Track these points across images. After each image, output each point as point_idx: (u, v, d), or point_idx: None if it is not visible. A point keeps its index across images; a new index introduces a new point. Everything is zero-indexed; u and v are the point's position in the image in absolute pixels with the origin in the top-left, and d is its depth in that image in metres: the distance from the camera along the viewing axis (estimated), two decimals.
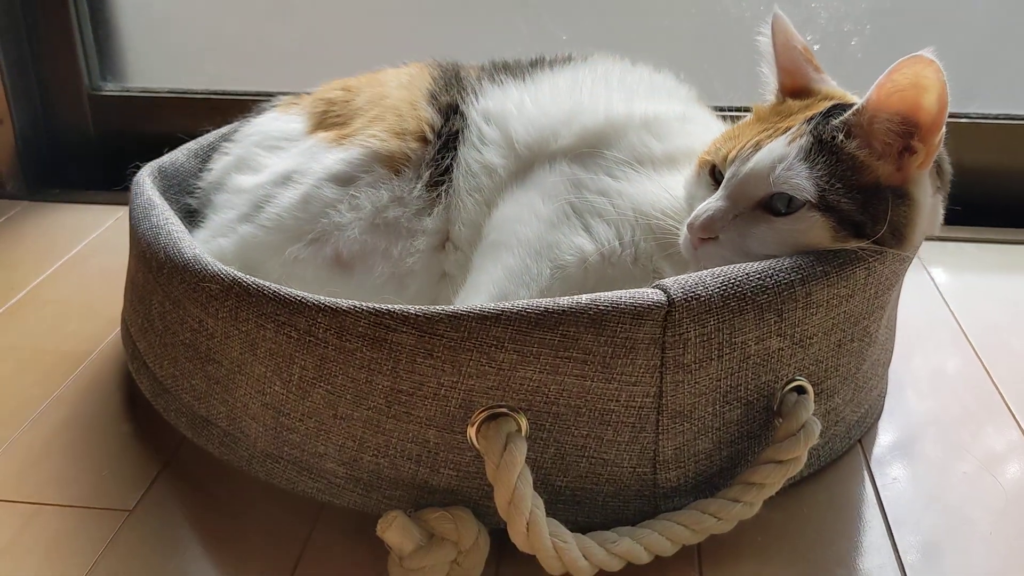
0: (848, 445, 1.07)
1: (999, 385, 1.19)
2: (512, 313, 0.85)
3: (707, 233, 0.96)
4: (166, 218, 1.09)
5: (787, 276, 0.91)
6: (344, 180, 1.15)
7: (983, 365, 1.24)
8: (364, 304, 0.86)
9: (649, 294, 0.87)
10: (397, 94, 1.24)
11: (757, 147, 0.96)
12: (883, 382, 1.14)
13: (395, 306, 0.86)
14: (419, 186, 1.15)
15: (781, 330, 0.92)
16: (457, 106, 1.21)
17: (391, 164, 1.16)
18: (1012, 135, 1.69)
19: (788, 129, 0.97)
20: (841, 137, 0.93)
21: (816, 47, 1.07)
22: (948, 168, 1.00)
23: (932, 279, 1.47)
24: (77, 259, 1.53)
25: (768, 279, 0.90)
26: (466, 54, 1.36)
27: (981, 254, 1.58)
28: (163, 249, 1.02)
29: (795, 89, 1.04)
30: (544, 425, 0.88)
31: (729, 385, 0.91)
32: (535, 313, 0.85)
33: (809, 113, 0.99)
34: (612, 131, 1.15)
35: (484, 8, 1.81)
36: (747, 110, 1.12)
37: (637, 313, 0.86)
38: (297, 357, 0.90)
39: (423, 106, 1.21)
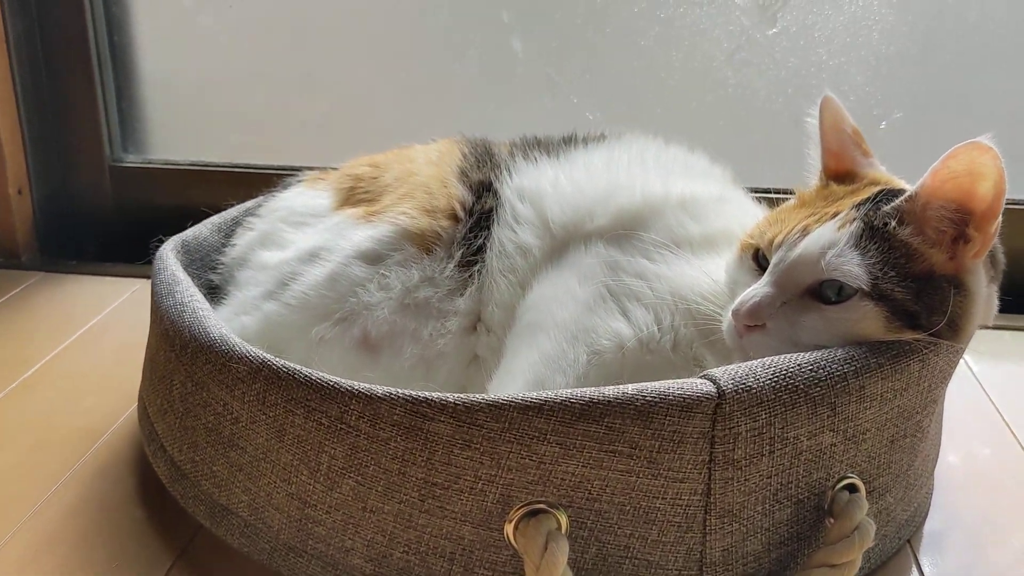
0: (898, 546, 1.02)
1: None
2: (556, 403, 0.81)
3: (754, 320, 0.92)
4: (191, 295, 1.06)
5: (840, 368, 0.87)
6: (373, 258, 1.12)
7: None
8: (400, 391, 0.82)
9: (698, 384, 0.83)
10: (427, 171, 1.22)
11: (805, 232, 0.94)
12: (931, 479, 1.09)
13: (432, 394, 0.82)
14: (451, 266, 1.12)
15: (834, 425, 0.87)
16: (490, 183, 1.19)
17: (421, 242, 1.13)
18: None
19: (836, 214, 0.94)
20: (893, 224, 0.90)
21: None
22: (1002, 257, 0.97)
23: (969, 367, 1.43)
24: (93, 332, 1.50)
25: (821, 370, 0.86)
26: (494, 132, 1.35)
27: (1017, 342, 1.54)
28: (188, 328, 0.98)
29: (841, 173, 1.02)
30: (585, 523, 0.84)
31: (780, 483, 0.87)
32: (580, 404, 0.81)
33: (857, 198, 0.96)
34: (649, 211, 1.12)
35: (512, 86, 1.81)
36: (782, 192, 1.09)
37: (686, 405, 0.82)
38: (327, 445, 0.86)
39: (454, 183, 1.19)
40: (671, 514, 0.84)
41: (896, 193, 0.96)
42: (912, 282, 0.89)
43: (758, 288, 0.93)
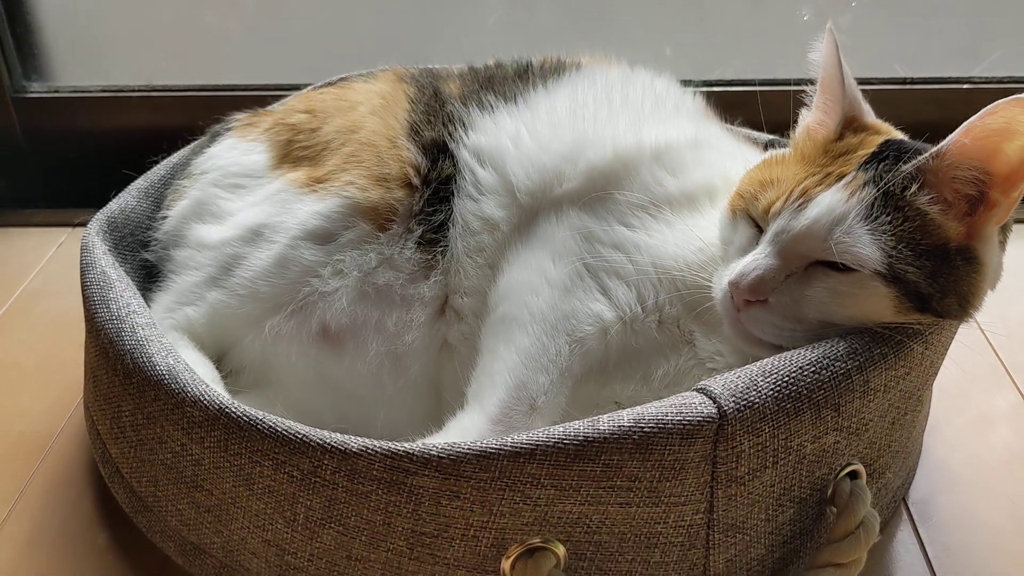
0: (892, 510, 1.00)
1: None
2: (548, 446, 0.74)
3: (756, 296, 0.85)
4: (126, 303, 0.95)
5: (844, 365, 0.82)
6: (323, 237, 1.02)
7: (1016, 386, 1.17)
8: (377, 445, 0.75)
9: (696, 406, 0.78)
10: (372, 125, 1.10)
11: (806, 196, 0.85)
12: (922, 437, 1.06)
13: (413, 446, 0.75)
14: (410, 244, 1.02)
15: (838, 424, 0.83)
16: (444, 144, 1.07)
17: (375, 218, 1.02)
18: None
19: (842, 176, 0.86)
20: (914, 188, 0.82)
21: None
22: (1011, 219, 0.90)
23: None
24: (19, 305, 1.38)
25: (824, 371, 0.81)
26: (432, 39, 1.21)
27: None
28: (130, 354, 0.89)
29: (847, 122, 0.92)
30: (585, 554, 0.79)
31: (783, 488, 0.83)
32: (574, 444, 0.75)
33: (864, 153, 0.88)
34: (622, 168, 1.03)
35: None
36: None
37: (686, 433, 0.76)
38: (302, 497, 0.79)
39: (404, 143, 1.07)
40: (673, 536, 0.80)
41: (901, 146, 0.87)
42: (927, 259, 0.82)
43: (759, 258, 0.85)
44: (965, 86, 1.58)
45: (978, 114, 0.79)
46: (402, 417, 1.03)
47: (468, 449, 0.74)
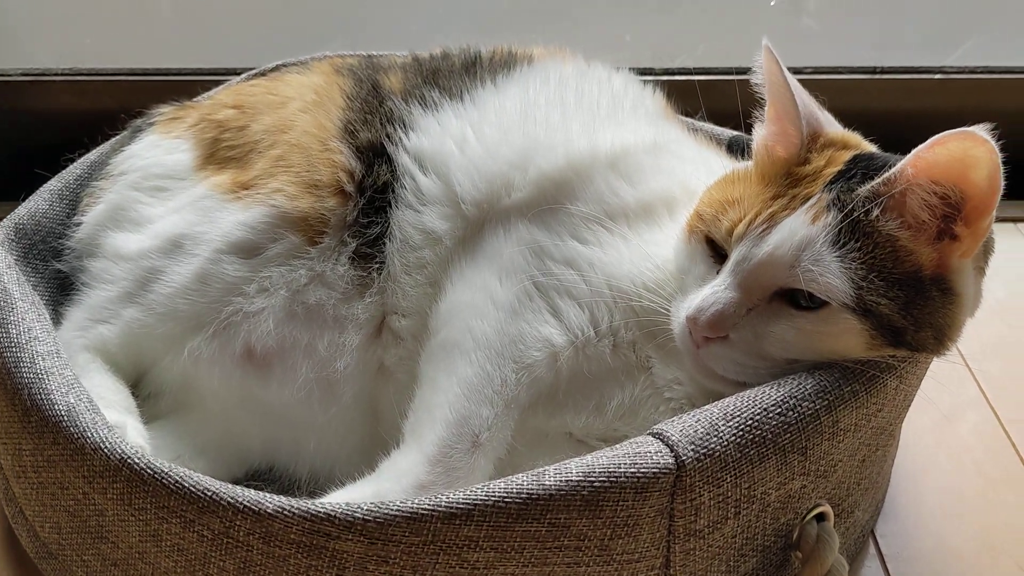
0: (861, 545, 0.94)
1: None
2: (487, 506, 0.67)
3: (716, 332, 0.78)
4: (28, 328, 0.86)
5: (812, 405, 0.75)
6: (248, 251, 0.93)
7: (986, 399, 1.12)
8: (295, 506, 0.67)
9: (652, 455, 0.70)
10: (303, 123, 1.00)
11: (772, 222, 0.78)
12: (892, 467, 1.00)
13: (336, 507, 0.67)
14: (343, 259, 0.93)
15: (805, 468, 0.76)
16: (382, 147, 0.98)
17: (305, 230, 0.94)
18: None
19: (807, 198, 0.79)
20: (876, 213, 0.75)
21: None
22: (993, 240, 0.83)
23: None
24: None
25: (790, 412, 0.74)
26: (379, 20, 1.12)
27: None
28: (27, 388, 0.80)
29: (809, 141, 0.84)
30: None
31: (745, 538, 0.76)
32: (516, 504, 0.67)
33: (829, 172, 0.81)
34: (575, 176, 0.95)
35: None
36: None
37: (641, 486, 0.69)
38: (214, 558, 0.71)
39: (337, 145, 0.98)
40: None
41: (870, 162, 0.80)
42: (899, 289, 0.75)
43: (719, 290, 0.79)
44: (937, 76, 1.51)
45: (926, 144, 0.73)
46: (335, 445, 0.95)
47: (397, 511, 0.67)
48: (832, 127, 0.87)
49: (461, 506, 0.67)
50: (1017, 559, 0.93)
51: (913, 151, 0.74)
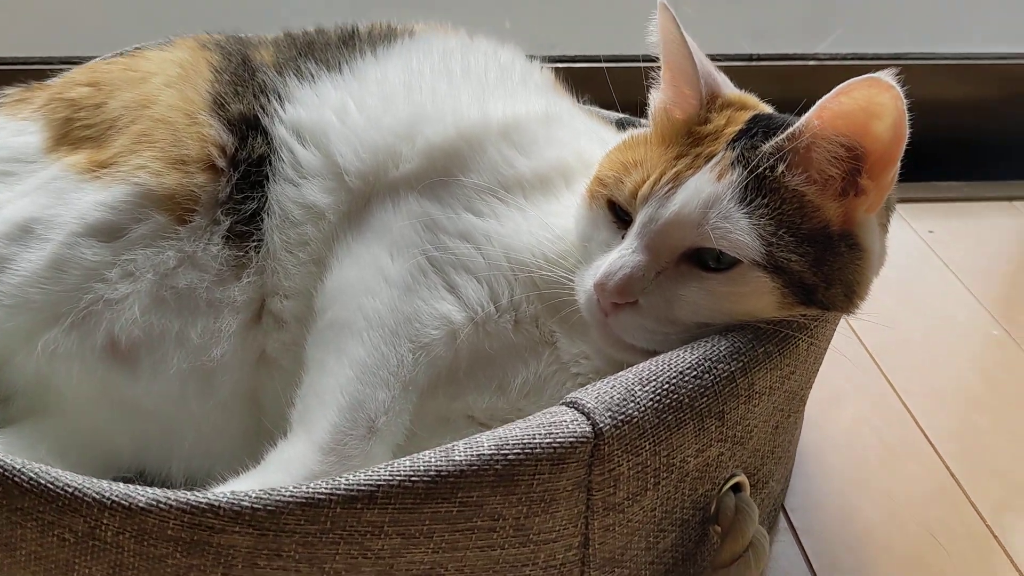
0: (773, 519, 0.91)
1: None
2: (392, 487, 0.61)
3: (625, 297, 0.74)
4: None
5: (727, 367, 0.72)
6: (109, 233, 0.84)
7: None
8: (171, 497, 0.59)
9: (567, 424, 0.65)
10: (167, 98, 0.92)
11: (677, 181, 0.75)
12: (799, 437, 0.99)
13: (219, 496, 0.59)
14: (216, 239, 0.85)
15: (723, 434, 0.73)
16: (256, 118, 0.91)
17: (173, 208, 0.85)
18: None
19: (710, 157, 0.76)
20: (782, 168, 0.73)
21: None
22: (894, 198, 0.82)
23: None
24: None
25: (706, 375, 0.71)
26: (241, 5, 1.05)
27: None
28: None
29: (708, 100, 0.82)
30: None
31: (665, 511, 0.72)
32: (423, 483, 0.61)
33: (731, 131, 0.78)
34: (466, 147, 0.90)
35: None
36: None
37: (557, 457, 0.64)
38: (78, 564, 0.62)
39: (206, 119, 0.90)
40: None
41: (770, 121, 0.78)
42: (808, 245, 0.73)
43: (626, 254, 0.75)
44: (811, 62, 1.53)
45: (831, 93, 0.71)
46: (214, 442, 0.87)
47: (291, 496, 0.59)
48: (729, 88, 0.85)
49: (363, 488, 0.60)
50: (926, 525, 0.92)
51: (819, 102, 0.72)
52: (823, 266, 0.74)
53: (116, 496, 0.59)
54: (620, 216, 0.79)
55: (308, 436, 0.75)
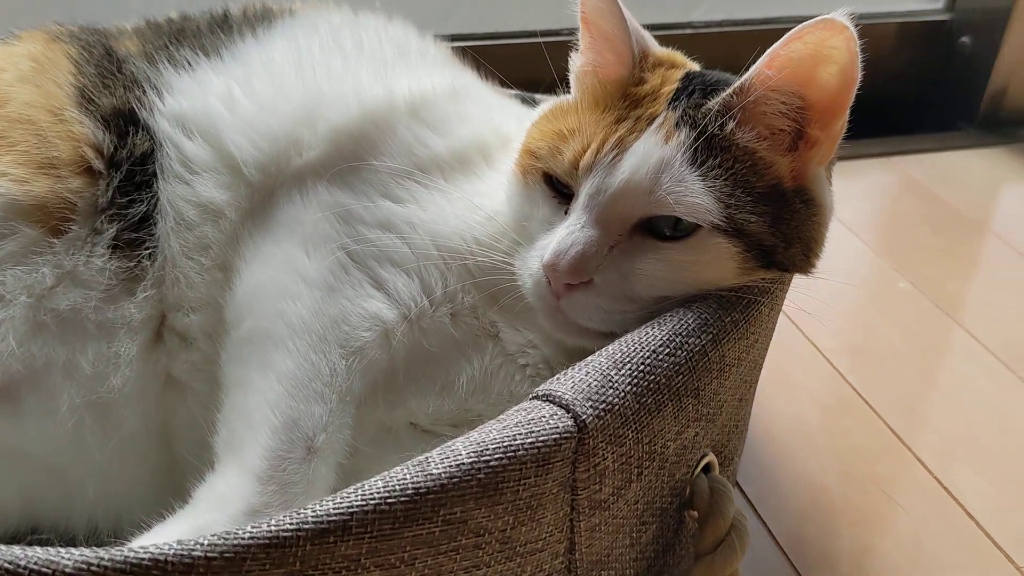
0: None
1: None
2: (366, 514, 0.52)
3: (579, 276, 0.69)
4: None
5: (698, 341, 0.67)
6: None
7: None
8: (104, 557, 0.49)
9: (547, 420, 0.59)
10: (23, 95, 0.79)
11: (622, 147, 0.69)
12: None
13: (162, 547, 0.50)
14: (100, 250, 0.74)
15: (699, 412, 0.68)
16: (131, 111, 0.80)
17: (44, 219, 0.74)
18: None
19: (652, 119, 0.71)
20: (731, 126, 0.69)
21: None
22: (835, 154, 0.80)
23: None
24: None
25: (679, 351, 0.66)
26: None
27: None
28: None
29: (640, 59, 0.77)
30: None
31: (647, 502, 0.67)
32: (401, 504, 0.53)
33: (668, 91, 0.73)
34: (374, 128, 0.82)
35: None
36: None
37: (542, 458, 0.58)
38: None
39: (74, 115, 0.78)
40: None
41: (705, 78, 0.74)
42: (765, 204, 0.69)
43: (575, 230, 0.69)
44: (688, 31, 1.51)
45: (782, 41, 0.67)
46: (122, 487, 0.76)
47: (251, 538, 0.50)
48: (656, 46, 0.80)
49: (334, 518, 0.52)
50: (875, 479, 0.91)
51: (768, 51, 0.68)
52: (781, 225, 0.70)
53: (36, 564, 0.49)
54: (559, 190, 0.73)
55: (241, 465, 0.65)
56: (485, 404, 0.75)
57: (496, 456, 0.56)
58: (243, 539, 0.50)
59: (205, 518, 0.62)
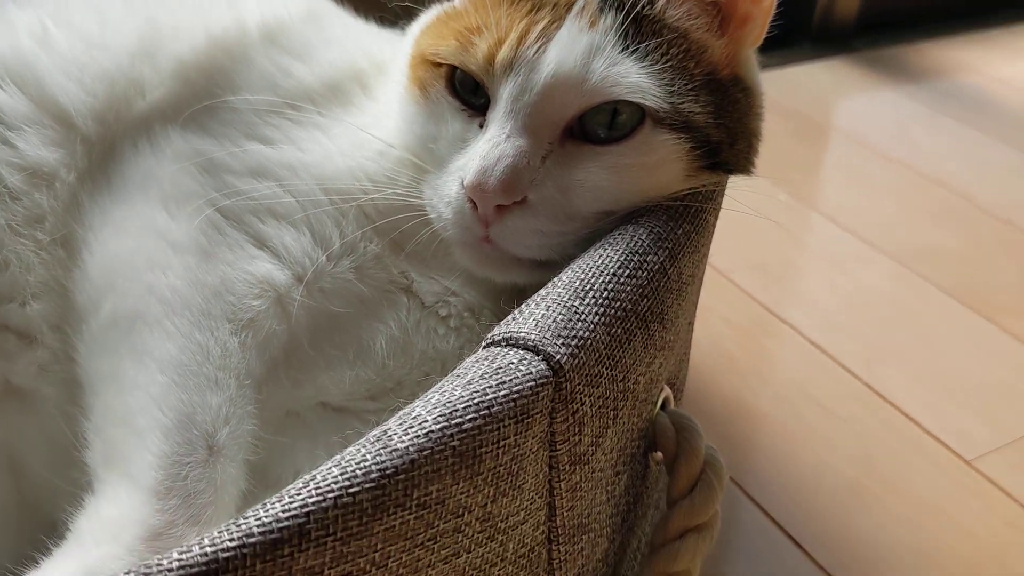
0: None
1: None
2: (326, 510, 0.41)
3: (512, 195, 0.59)
4: None
5: (655, 259, 0.58)
6: None
7: None
8: None
9: (516, 367, 0.49)
10: None
11: (545, 37, 0.59)
12: None
13: None
14: None
15: (664, 340, 0.60)
16: None
17: None
18: None
19: (570, 5, 0.61)
20: (661, 3, 0.61)
21: None
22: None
23: None
24: None
25: (639, 272, 0.57)
26: None
27: None
28: None
29: None
30: None
31: (619, 449, 0.58)
32: (368, 492, 0.42)
33: None
34: (227, 59, 0.69)
35: None
36: None
37: (521, 412, 0.48)
38: None
39: None
40: (512, 570, 0.52)
41: None
42: (707, 94, 0.61)
43: (499, 141, 0.59)
44: None
45: None
46: None
47: (181, 567, 0.38)
48: None
49: (286, 523, 0.40)
50: (807, 393, 0.87)
51: None
52: (724, 118, 0.62)
53: None
54: (469, 102, 0.63)
55: (130, 481, 0.52)
56: (407, 367, 0.64)
57: (469, 417, 0.46)
58: (171, 569, 0.38)
59: (96, 553, 0.48)
